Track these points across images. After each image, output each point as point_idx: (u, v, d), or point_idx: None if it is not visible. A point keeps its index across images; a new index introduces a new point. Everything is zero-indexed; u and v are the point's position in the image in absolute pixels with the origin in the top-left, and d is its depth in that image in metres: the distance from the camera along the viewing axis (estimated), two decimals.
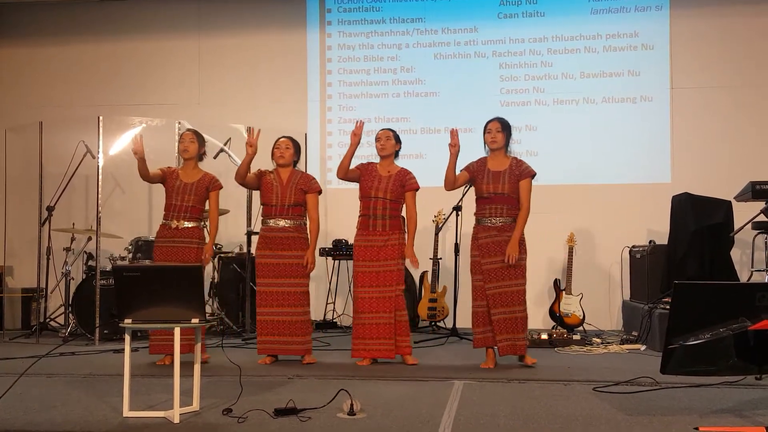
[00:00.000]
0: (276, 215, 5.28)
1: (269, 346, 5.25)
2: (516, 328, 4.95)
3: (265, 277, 5.27)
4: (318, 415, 3.54)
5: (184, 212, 5.30)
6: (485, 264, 4.99)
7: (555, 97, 7.87)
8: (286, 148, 5.35)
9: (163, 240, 5.31)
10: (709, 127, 7.60)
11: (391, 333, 5.14)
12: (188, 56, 8.37)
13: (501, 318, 4.95)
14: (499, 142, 5.08)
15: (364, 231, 5.25)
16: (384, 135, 5.32)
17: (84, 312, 6.45)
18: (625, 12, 7.80)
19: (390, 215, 5.22)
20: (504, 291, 4.96)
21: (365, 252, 5.22)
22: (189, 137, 5.42)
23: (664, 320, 5.46)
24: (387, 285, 5.16)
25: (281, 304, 5.23)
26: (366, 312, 5.18)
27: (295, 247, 5.26)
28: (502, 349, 4.97)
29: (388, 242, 5.20)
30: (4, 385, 3.86)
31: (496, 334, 4.97)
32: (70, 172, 7.04)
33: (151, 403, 3.87)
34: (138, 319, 3.59)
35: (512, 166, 5.06)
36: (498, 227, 4.99)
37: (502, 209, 5.00)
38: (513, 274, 4.96)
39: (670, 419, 3.48)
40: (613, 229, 7.58)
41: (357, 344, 5.21)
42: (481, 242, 5.03)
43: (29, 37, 8.58)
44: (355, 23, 8.23)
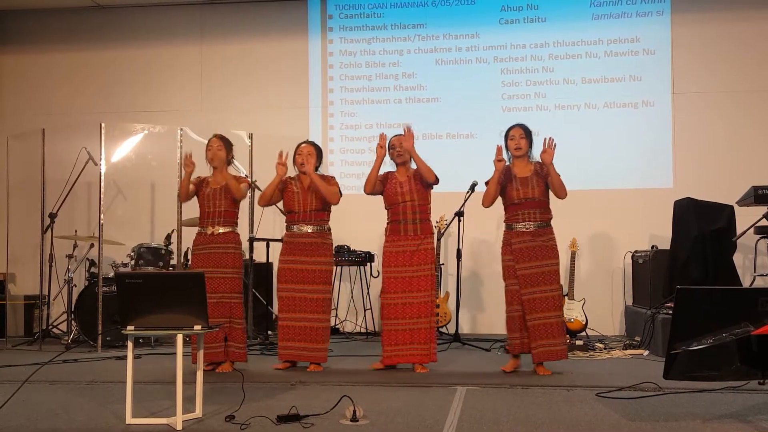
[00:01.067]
0: (299, 221, 5.29)
1: (288, 351, 5.25)
2: (552, 333, 4.92)
3: (286, 282, 5.26)
4: (321, 422, 3.54)
5: (218, 217, 5.30)
6: (520, 269, 4.98)
7: (556, 103, 7.87)
8: (309, 155, 5.32)
9: (200, 247, 5.30)
10: (711, 131, 7.60)
11: (426, 338, 5.13)
12: (190, 63, 8.39)
13: (538, 324, 4.92)
14: (524, 148, 5.10)
15: (395, 236, 5.23)
16: (399, 142, 5.31)
17: (86, 319, 6.45)
18: (626, 17, 7.81)
19: (420, 219, 5.22)
20: (539, 296, 4.94)
21: (397, 257, 5.20)
22: (217, 144, 5.39)
23: (667, 325, 5.46)
24: (421, 290, 5.15)
25: (304, 310, 5.22)
26: (399, 318, 5.15)
27: (318, 254, 5.25)
28: (537, 355, 4.92)
29: (420, 246, 5.18)
30: (6, 393, 3.86)
31: (532, 340, 4.93)
32: (72, 179, 7.05)
33: (153, 410, 3.87)
34: (140, 326, 3.59)
35: (537, 170, 5.09)
36: (531, 232, 4.99)
37: (535, 213, 5.01)
38: (548, 279, 4.95)
39: (673, 425, 3.47)
40: (615, 234, 7.58)
41: (389, 351, 5.16)
42: (515, 247, 5.00)
43: (32, 44, 8.61)
44: (356, 29, 8.24)
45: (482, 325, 7.75)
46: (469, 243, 7.40)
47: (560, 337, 4.96)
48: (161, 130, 7.38)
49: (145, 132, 7.41)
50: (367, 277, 7.58)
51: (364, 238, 7.52)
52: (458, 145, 7.94)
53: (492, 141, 7.76)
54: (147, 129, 7.40)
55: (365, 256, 7.45)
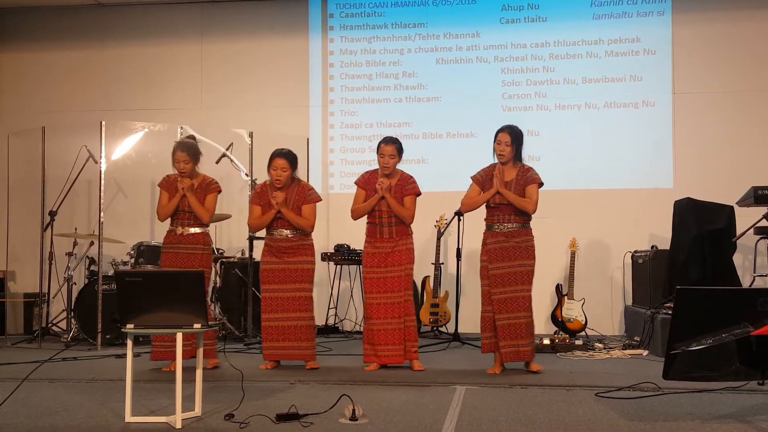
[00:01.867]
0: (279, 226, 5.29)
1: (274, 351, 5.26)
2: (519, 334, 4.93)
3: (269, 283, 5.28)
4: (320, 421, 3.54)
5: (187, 219, 5.31)
6: (492, 269, 4.99)
7: (557, 102, 7.86)
8: (283, 170, 5.27)
9: (168, 246, 5.34)
10: (712, 131, 7.59)
11: (399, 339, 5.14)
12: (191, 61, 8.38)
13: (504, 324, 4.94)
14: (507, 155, 5.07)
15: (372, 238, 5.27)
16: (388, 152, 5.24)
17: (86, 317, 6.45)
18: (627, 17, 7.80)
19: (396, 222, 5.23)
20: (508, 297, 4.95)
21: (373, 258, 5.23)
22: (183, 158, 5.30)
23: (667, 325, 5.46)
24: (395, 291, 5.17)
25: (286, 309, 5.23)
26: (375, 318, 5.18)
27: (300, 253, 5.27)
28: (505, 355, 4.96)
29: (395, 248, 5.21)
30: (6, 391, 3.86)
31: (499, 340, 4.96)
32: (72, 176, 7.05)
33: (153, 409, 3.87)
34: (140, 325, 3.60)
35: (519, 176, 5.06)
36: (506, 233, 5.00)
37: (510, 216, 5.01)
38: (518, 279, 4.96)
39: (672, 424, 3.47)
40: (615, 234, 7.58)
41: (367, 350, 5.22)
42: (489, 247, 5.03)
43: (32, 42, 8.61)
44: (357, 28, 8.24)
45: None
46: (469, 242, 7.39)
47: (527, 337, 4.95)
48: (161, 128, 7.37)
49: (145, 130, 7.41)
50: None
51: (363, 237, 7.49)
52: (458, 144, 7.94)
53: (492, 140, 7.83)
54: (147, 127, 7.40)
55: None
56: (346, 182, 8.01)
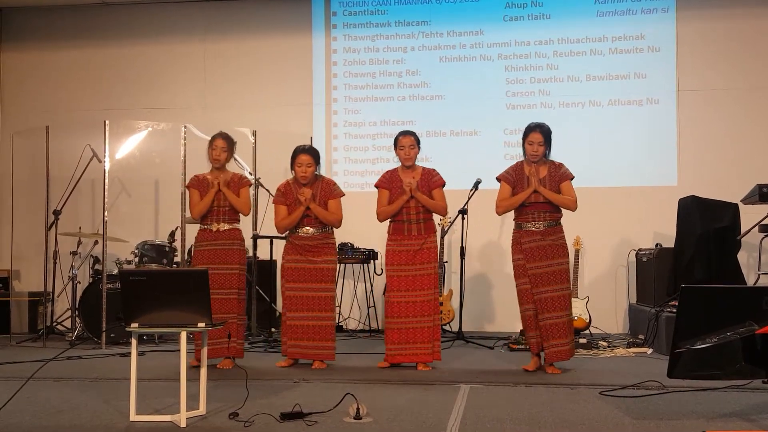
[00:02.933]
0: (304, 224, 5.28)
1: (297, 350, 5.24)
2: (563, 333, 4.91)
3: (293, 281, 5.26)
4: (324, 419, 3.54)
5: (222, 215, 5.32)
6: (531, 269, 4.96)
7: (561, 100, 7.85)
8: (308, 166, 5.27)
9: (204, 243, 5.32)
10: (716, 129, 7.57)
11: (429, 337, 5.12)
12: (194, 60, 8.39)
13: (549, 323, 4.91)
14: (540, 155, 5.05)
15: (398, 236, 5.22)
16: (408, 143, 5.26)
17: (91, 316, 6.47)
18: (631, 14, 7.79)
19: (423, 218, 5.21)
20: (551, 296, 4.93)
21: (400, 256, 5.19)
22: (222, 146, 5.38)
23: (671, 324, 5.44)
24: (425, 289, 5.15)
25: (310, 308, 5.22)
26: (402, 317, 5.14)
27: (323, 253, 5.27)
28: (550, 355, 4.91)
29: (423, 246, 5.18)
30: (11, 389, 3.87)
31: (544, 340, 4.92)
32: (76, 176, 7.06)
33: (157, 407, 3.88)
34: (144, 323, 3.60)
35: (551, 172, 5.05)
36: (542, 231, 4.98)
37: (544, 213, 4.99)
38: (558, 278, 4.95)
39: (677, 423, 3.47)
40: (619, 232, 7.56)
41: (393, 349, 5.15)
42: (526, 247, 4.99)
43: (35, 42, 8.62)
44: (360, 26, 8.23)
45: (486, 323, 7.75)
46: (473, 241, 7.39)
47: (569, 336, 4.95)
48: (165, 127, 7.38)
49: (149, 129, 7.42)
50: (371, 275, 7.59)
51: (367, 236, 7.51)
52: (462, 142, 7.93)
53: (496, 139, 7.86)
54: (151, 126, 7.41)
55: (369, 254, 7.45)
56: (350, 181, 8.01)
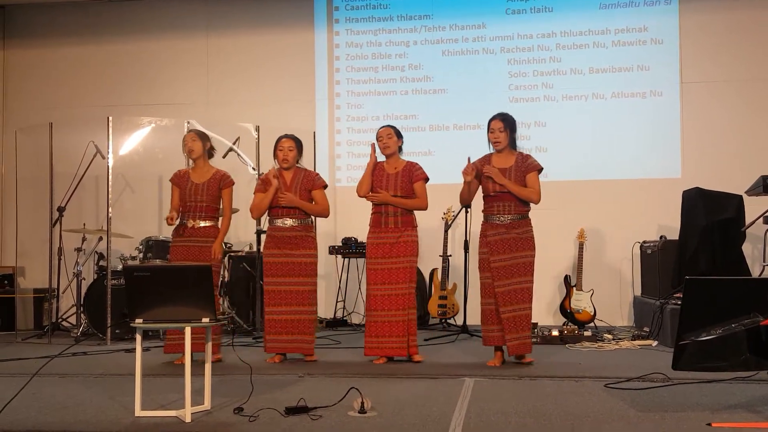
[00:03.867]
0: (283, 215, 5.29)
1: (277, 344, 5.26)
2: (523, 326, 4.90)
3: (272, 276, 5.28)
4: (329, 414, 3.55)
5: (198, 212, 5.32)
6: (494, 262, 4.95)
7: (564, 93, 7.83)
8: (289, 149, 5.31)
9: (179, 239, 5.33)
10: (720, 121, 7.55)
11: (403, 331, 5.12)
12: (197, 56, 8.39)
13: (510, 316, 4.90)
14: (503, 142, 5.03)
15: (376, 228, 5.24)
16: (385, 133, 5.28)
17: (95, 312, 6.48)
18: (634, 6, 7.76)
19: (401, 212, 5.21)
20: (512, 289, 4.92)
21: (377, 249, 5.21)
22: (191, 137, 5.44)
23: (676, 316, 5.44)
24: (399, 282, 5.14)
25: (289, 303, 5.23)
26: (378, 310, 5.16)
27: (303, 246, 5.27)
28: (512, 348, 4.92)
29: (399, 239, 5.18)
30: (17, 385, 3.88)
31: (506, 333, 4.91)
32: (80, 172, 7.06)
33: (162, 403, 3.88)
34: (149, 319, 3.60)
35: (518, 162, 5.01)
36: (506, 224, 4.95)
37: (510, 206, 4.95)
38: (520, 271, 4.92)
39: (682, 415, 3.46)
40: (623, 224, 7.55)
41: (370, 342, 5.18)
42: (490, 239, 4.99)
43: (39, 38, 8.62)
44: (362, 21, 8.22)
45: None
46: (477, 235, 7.37)
47: (528, 329, 4.93)
48: (168, 123, 7.39)
49: (152, 125, 7.42)
50: None
51: None
52: (465, 136, 7.91)
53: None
54: (154, 122, 7.41)
55: None
56: (353, 175, 8.00)
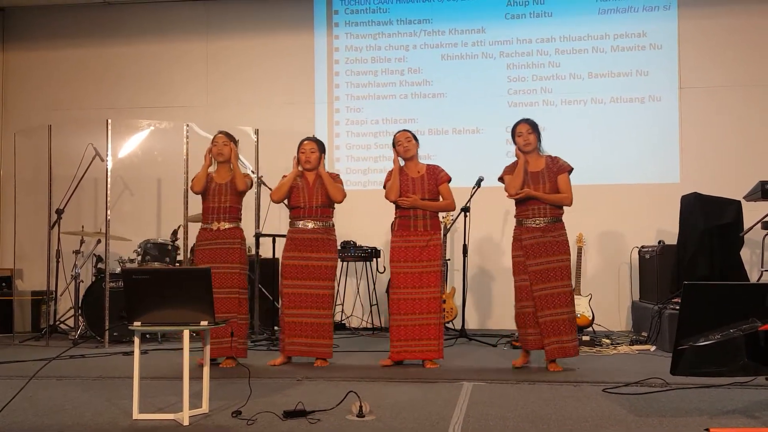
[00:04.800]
0: (304, 217, 5.29)
1: (295, 347, 5.24)
2: (563, 330, 4.88)
3: (291, 279, 5.26)
4: (327, 417, 3.54)
5: (223, 213, 5.32)
6: (531, 265, 4.95)
7: (563, 98, 7.85)
8: (311, 152, 5.33)
9: (205, 243, 5.32)
10: (718, 126, 7.56)
11: (436, 334, 5.11)
12: (196, 58, 8.39)
13: (549, 320, 4.89)
14: (533, 143, 5.04)
15: (404, 232, 5.20)
16: (404, 137, 5.28)
17: (93, 314, 6.47)
18: (633, 12, 7.78)
19: (430, 215, 5.21)
20: (551, 293, 4.91)
21: (406, 253, 5.18)
22: (222, 140, 5.41)
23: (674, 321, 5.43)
24: (429, 286, 5.14)
25: (309, 306, 5.22)
26: (408, 313, 5.13)
27: (323, 249, 5.26)
28: (550, 352, 4.89)
29: (430, 242, 5.17)
30: (14, 388, 3.88)
31: (544, 337, 4.89)
32: (79, 174, 7.07)
33: (160, 406, 3.88)
34: (147, 322, 3.60)
35: (548, 165, 5.05)
36: (542, 228, 4.96)
37: (545, 209, 4.97)
38: (559, 275, 4.92)
39: (680, 420, 3.46)
40: (622, 229, 7.56)
41: (398, 346, 5.13)
42: (526, 243, 4.98)
43: (38, 41, 8.63)
44: (362, 24, 8.23)
45: (489, 320, 7.75)
46: (476, 238, 7.40)
47: (571, 333, 4.92)
48: (167, 126, 7.39)
49: (151, 128, 7.42)
50: (373, 273, 7.58)
51: (370, 234, 7.52)
52: (464, 140, 7.93)
53: (498, 136, 7.85)
54: (153, 125, 7.41)
55: (371, 252, 7.45)
56: (353, 178, 8.01)
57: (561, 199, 5.00)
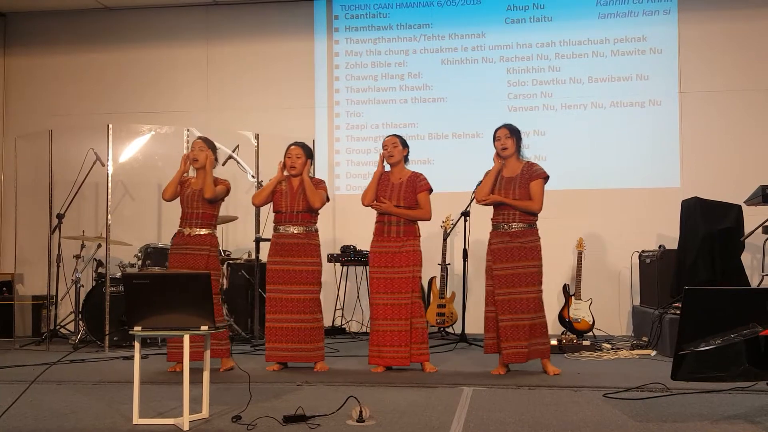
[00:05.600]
0: (286, 222, 5.29)
1: (277, 353, 5.24)
2: (521, 335, 4.88)
3: (275, 284, 5.27)
4: (327, 422, 3.54)
5: (195, 219, 5.32)
6: (496, 270, 4.96)
7: (563, 102, 7.85)
8: (297, 157, 5.34)
9: (176, 247, 5.35)
10: (719, 131, 7.57)
11: (405, 340, 5.10)
12: (196, 63, 8.40)
13: (507, 325, 4.90)
14: (510, 148, 5.06)
15: (380, 237, 5.25)
16: (390, 142, 5.30)
17: (94, 319, 6.47)
18: (633, 16, 7.79)
19: (404, 222, 5.21)
20: (512, 298, 4.92)
21: (380, 258, 5.20)
22: (199, 145, 5.41)
23: (675, 325, 5.43)
24: (401, 292, 5.14)
25: (291, 311, 5.22)
26: (381, 319, 5.15)
27: (306, 254, 5.26)
28: (506, 357, 4.91)
29: (402, 248, 5.18)
30: (14, 393, 3.88)
31: (501, 341, 4.92)
32: (80, 179, 7.08)
33: (160, 411, 3.88)
34: (148, 327, 3.60)
35: (524, 171, 5.04)
36: (511, 233, 4.96)
37: (515, 215, 4.97)
38: (523, 281, 4.91)
39: (681, 426, 3.46)
40: (622, 234, 7.56)
41: (372, 351, 5.17)
42: (494, 247, 5.00)
43: (38, 46, 8.64)
44: (362, 29, 8.24)
45: None
46: (476, 243, 7.39)
47: (530, 338, 4.89)
48: (168, 130, 7.39)
49: (152, 133, 7.43)
50: None
51: (369, 238, 7.50)
52: (464, 144, 7.93)
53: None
54: (154, 130, 7.42)
55: None
56: (352, 183, 8.01)
57: (528, 206, 4.96)
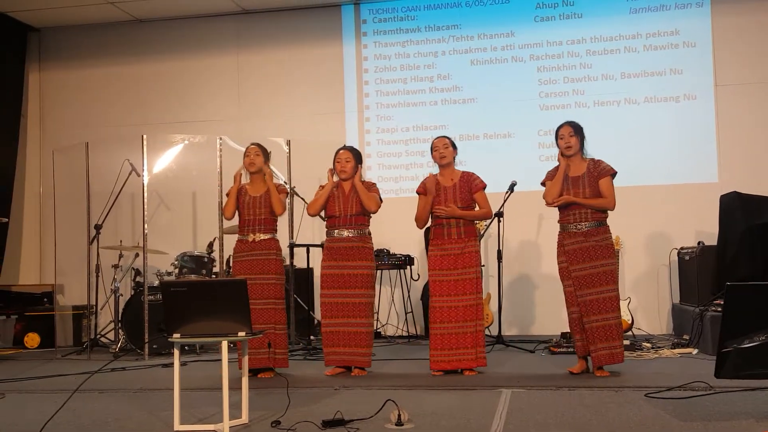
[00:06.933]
0: (340, 226, 5.31)
1: (336, 357, 5.25)
2: (611, 335, 4.81)
3: (329, 288, 5.28)
4: (366, 426, 3.53)
5: (258, 225, 5.35)
6: (575, 271, 4.89)
7: (595, 99, 7.77)
8: (347, 161, 5.35)
9: (241, 254, 5.35)
10: (756, 123, 7.42)
11: (472, 342, 5.08)
12: (227, 72, 8.48)
13: (596, 326, 4.82)
14: (574, 146, 4.98)
15: (439, 240, 5.20)
16: (441, 143, 5.28)
17: (133, 327, 6.55)
18: (665, 10, 7.67)
19: (464, 222, 5.19)
20: (596, 298, 4.83)
21: (442, 261, 5.17)
22: (254, 151, 5.45)
23: (716, 323, 5.34)
24: (467, 293, 5.11)
25: (346, 315, 5.23)
26: (445, 322, 5.11)
27: (360, 257, 5.26)
28: (598, 358, 4.81)
29: (465, 250, 5.15)
30: (57, 402, 3.94)
31: (590, 343, 4.83)
32: (116, 190, 7.18)
33: (201, 417, 3.91)
34: (186, 334, 3.63)
35: (590, 169, 4.98)
36: (584, 232, 4.89)
37: (587, 213, 4.90)
38: (603, 279, 4.84)
39: (726, 424, 3.39)
40: (659, 231, 7.44)
41: (436, 355, 5.11)
42: (568, 248, 4.92)
43: (72, 60, 8.80)
44: (390, 33, 8.24)
45: (526, 326, 7.67)
46: (510, 244, 7.34)
47: (618, 339, 4.84)
48: (201, 140, 7.47)
49: (185, 142, 7.51)
50: (408, 281, 7.57)
51: (403, 242, 7.51)
52: (496, 145, 7.89)
53: (530, 140, 7.80)
54: (187, 139, 7.50)
55: (405, 260, 7.43)
56: (385, 186, 8.00)
57: (602, 204, 4.92)
